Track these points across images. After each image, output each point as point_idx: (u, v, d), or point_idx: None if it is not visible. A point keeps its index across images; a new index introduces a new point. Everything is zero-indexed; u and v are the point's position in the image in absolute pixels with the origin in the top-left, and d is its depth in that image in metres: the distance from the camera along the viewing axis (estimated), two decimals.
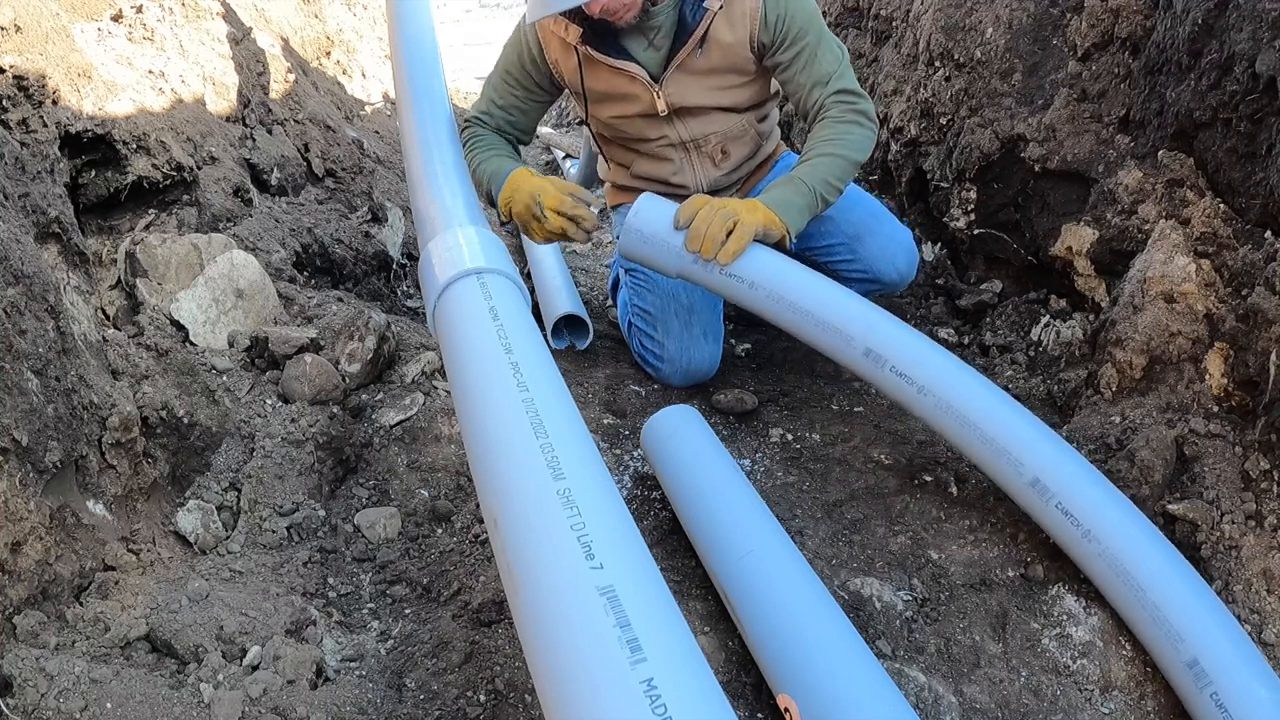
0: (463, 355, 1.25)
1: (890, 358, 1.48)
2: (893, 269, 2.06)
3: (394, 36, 2.40)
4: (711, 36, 1.87)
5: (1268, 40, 1.50)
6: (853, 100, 1.88)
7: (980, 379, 1.49)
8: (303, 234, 2.46)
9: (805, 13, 1.88)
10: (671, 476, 1.55)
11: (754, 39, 1.88)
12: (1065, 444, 1.42)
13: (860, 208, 2.11)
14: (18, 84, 1.68)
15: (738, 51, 1.90)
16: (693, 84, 1.95)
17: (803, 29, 1.87)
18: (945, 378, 1.45)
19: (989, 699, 1.25)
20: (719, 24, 1.86)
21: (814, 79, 1.90)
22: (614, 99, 2.01)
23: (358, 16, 4.95)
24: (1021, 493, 1.38)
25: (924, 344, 1.51)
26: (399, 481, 1.65)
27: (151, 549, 1.32)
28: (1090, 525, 1.29)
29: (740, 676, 1.28)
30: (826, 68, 1.88)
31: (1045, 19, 2.19)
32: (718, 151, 2.10)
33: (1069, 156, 2.06)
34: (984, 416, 1.41)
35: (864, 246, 2.06)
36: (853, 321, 1.52)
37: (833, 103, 1.88)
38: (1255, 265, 1.54)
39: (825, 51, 1.89)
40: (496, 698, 1.21)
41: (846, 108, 1.88)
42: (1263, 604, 1.31)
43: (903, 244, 2.09)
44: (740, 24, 1.86)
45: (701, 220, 1.64)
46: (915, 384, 1.46)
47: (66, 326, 1.29)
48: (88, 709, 1.00)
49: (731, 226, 1.63)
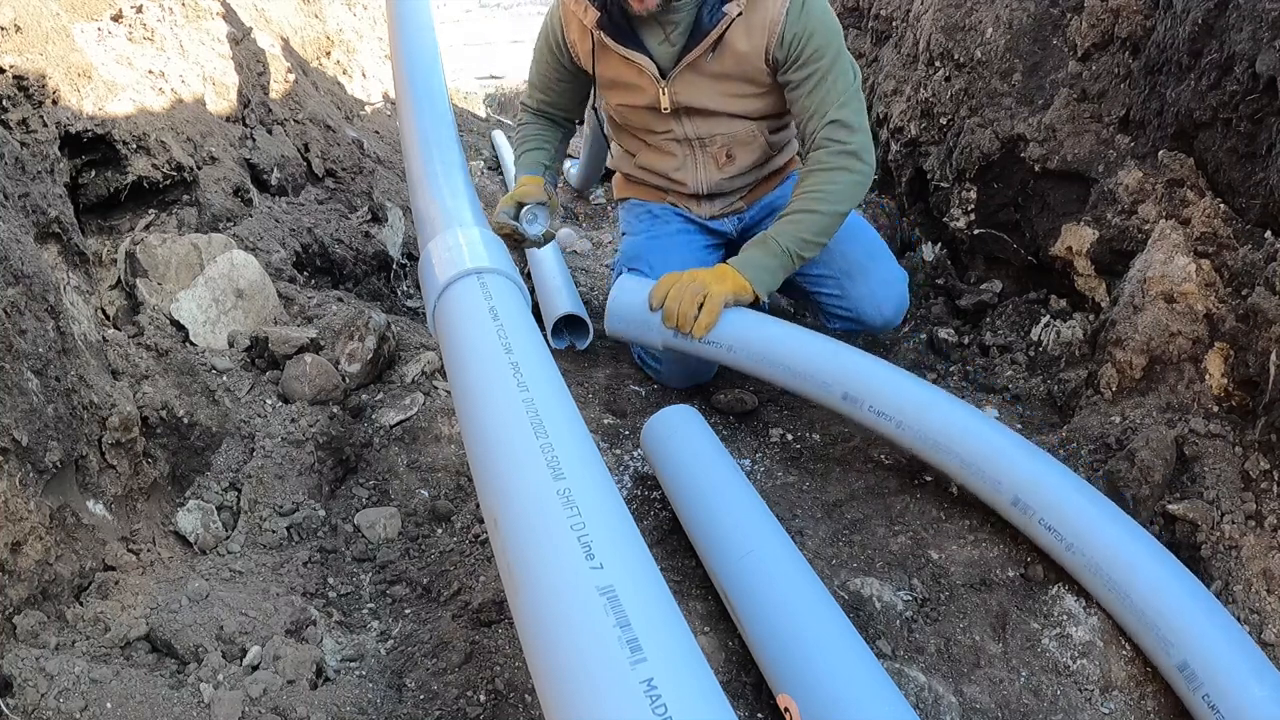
0: (463, 355, 1.25)
1: (866, 399, 1.58)
2: (878, 314, 2.03)
3: (394, 36, 2.40)
4: (727, 42, 1.83)
5: (1268, 40, 1.50)
6: (844, 140, 1.83)
7: (956, 406, 1.54)
8: (303, 234, 2.46)
9: (825, 35, 1.81)
10: (671, 476, 1.55)
11: (769, 52, 1.83)
12: (1044, 459, 1.44)
13: (858, 244, 2.07)
14: (18, 84, 1.68)
15: (751, 61, 1.86)
16: (703, 86, 1.92)
17: (818, 51, 1.81)
18: (920, 411, 1.52)
19: (989, 699, 1.25)
20: (736, 31, 1.81)
21: (815, 106, 1.85)
22: (622, 88, 2.00)
23: (358, 16, 4.95)
24: (1006, 511, 1.45)
25: (898, 380, 1.59)
26: (399, 481, 1.65)
27: (151, 549, 1.32)
28: (1072, 539, 1.33)
29: (740, 676, 1.28)
30: (831, 96, 1.83)
31: (1045, 19, 2.19)
32: (722, 154, 2.07)
33: (1069, 156, 2.06)
34: (960, 443, 1.47)
35: (854, 286, 2.03)
36: (828, 370, 1.63)
37: (824, 140, 1.84)
38: (1255, 265, 1.54)
39: (835, 79, 1.83)
40: (496, 698, 1.21)
41: (837, 148, 1.83)
42: (1263, 604, 1.31)
43: (893, 289, 2.06)
44: (758, 34, 1.81)
45: (672, 299, 1.75)
46: (893, 420, 1.55)
47: (66, 326, 1.29)
48: (88, 709, 1.00)
49: (702, 300, 1.73)
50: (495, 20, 12.30)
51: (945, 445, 1.48)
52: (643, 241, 2.22)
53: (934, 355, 2.31)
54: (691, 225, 2.26)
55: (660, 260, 2.13)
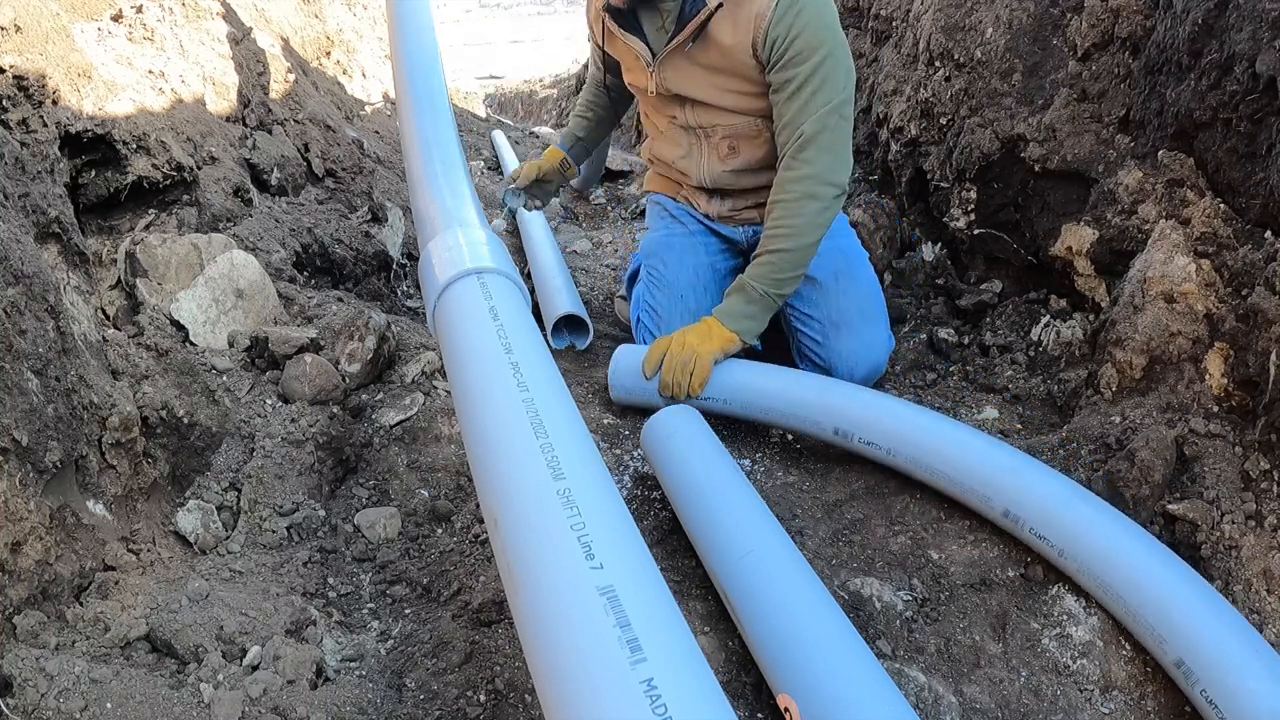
0: (463, 355, 1.25)
1: (856, 431, 1.68)
2: (849, 374, 2.02)
3: (394, 36, 2.40)
4: (710, 33, 1.83)
5: (1268, 40, 1.50)
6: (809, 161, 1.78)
7: (943, 426, 1.60)
8: (303, 234, 2.46)
9: (813, 37, 1.73)
10: (671, 476, 1.55)
11: (755, 48, 1.80)
12: (1031, 468, 1.46)
13: (856, 296, 2.05)
14: (18, 84, 1.68)
15: (738, 56, 1.83)
16: (695, 75, 1.93)
17: (800, 54, 1.73)
18: (907, 437, 1.60)
19: (989, 699, 1.25)
20: (720, 24, 1.80)
21: (790, 116, 1.79)
22: (626, 69, 2.12)
23: (358, 16, 4.95)
24: (999, 523, 1.49)
25: (883, 409, 1.67)
26: (399, 481, 1.65)
27: (151, 549, 1.32)
28: (1063, 545, 1.36)
29: (740, 676, 1.28)
30: (809, 109, 1.76)
31: (1045, 19, 2.19)
32: (724, 145, 2.07)
33: (1069, 156, 2.06)
34: (948, 463, 1.54)
35: (837, 339, 2.02)
36: (817, 408, 1.74)
37: (790, 161, 1.81)
38: (1255, 265, 1.54)
39: (817, 89, 1.75)
40: (496, 698, 1.21)
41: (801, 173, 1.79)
42: (1263, 604, 1.31)
43: (873, 354, 2.04)
44: (743, 28, 1.78)
45: (666, 372, 1.85)
46: (883, 448, 1.64)
47: (66, 326, 1.29)
48: (88, 709, 1.00)
49: (693, 365, 1.82)
50: (495, 20, 12.30)
51: (935, 467, 1.56)
52: (660, 240, 2.27)
53: (934, 355, 2.31)
54: (706, 229, 2.29)
55: (674, 259, 2.20)
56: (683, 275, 2.19)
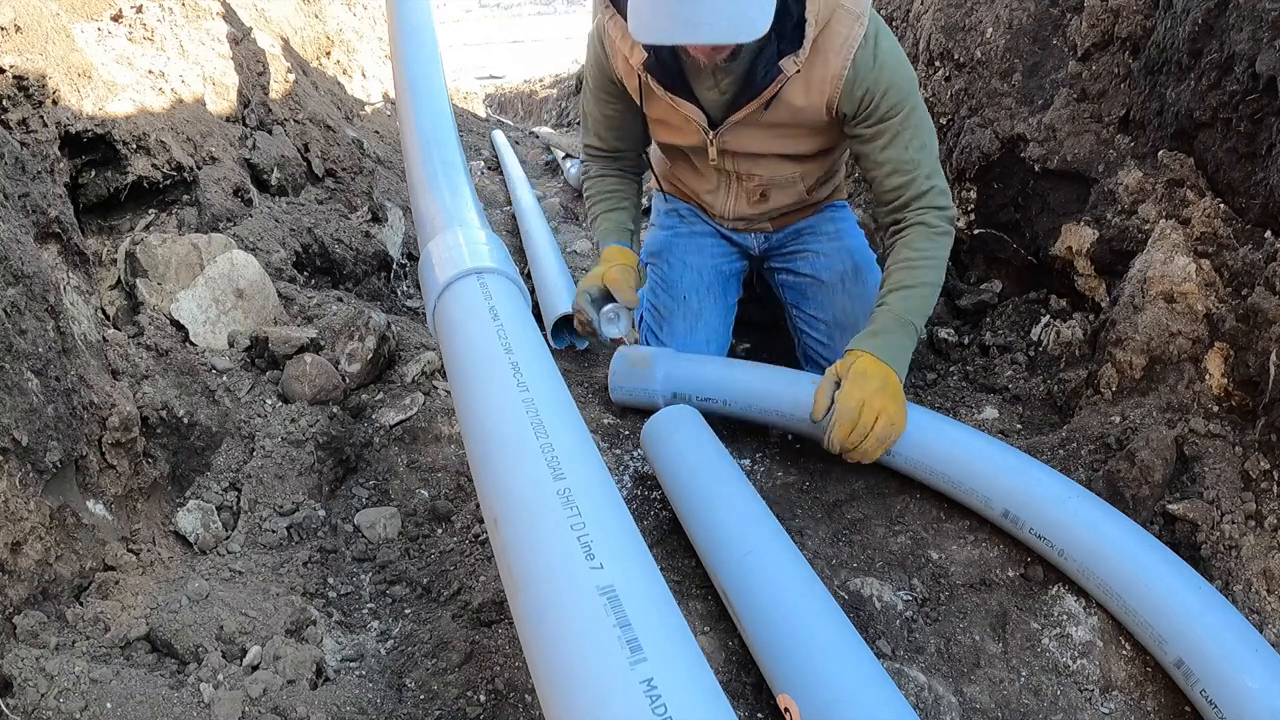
0: (463, 355, 1.25)
1: None
2: None
3: (394, 36, 2.40)
4: (782, 98, 1.70)
5: (1268, 40, 1.50)
6: (944, 206, 1.75)
7: (943, 427, 1.60)
8: (303, 234, 2.46)
9: (900, 90, 1.67)
10: (671, 476, 1.55)
11: (833, 106, 1.70)
12: (1031, 467, 1.47)
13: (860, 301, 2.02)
14: (18, 84, 1.68)
15: (809, 116, 1.73)
16: (754, 135, 1.81)
17: (894, 107, 1.68)
18: (907, 437, 1.59)
19: (989, 699, 1.25)
20: (793, 88, 1.68)
21: (895, 165, 1.73)
22: (669, 127, 1.89)
23: (358, 16, 4.95)
24: (999, 523, 1.50)
25: None
26: (399, 481, 1.65)
27: (151, 549, 1.32)
28: (1063, 545, 1.37)
29: (740, 676, 1.28)
30: (912, 154, 1.72)
31: (1045, 19, 2.19)
32: (757, 192, 2.00)
33: (1069, 156, 2.06)
34: (949, 465, 1.55)
35: (843, 342, 1.90)
36: None
37: (927, 206, 1.73)
38: (1255, 265, 1.54)
39: (914, 135, 1.72)
40: (496, 698, 1.21)
41: (940, 214, 1.73)
42: (1263, 604, 1.31)
43: None
44: (818, 89, 1.67)
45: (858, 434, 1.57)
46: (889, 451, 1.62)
47: (66, 326, 1.29)
48: (88, 709, 1.00)
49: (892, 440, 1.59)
50: (495, 20, 12.29)
51: (935, 468, 1.57)
52: (667, 238, 2.22)
53: (934, 355, 2.31)
54: (714, 230, 2.23)
55: (679, 260, 2.16)
56: (686, 277, 2.17)
